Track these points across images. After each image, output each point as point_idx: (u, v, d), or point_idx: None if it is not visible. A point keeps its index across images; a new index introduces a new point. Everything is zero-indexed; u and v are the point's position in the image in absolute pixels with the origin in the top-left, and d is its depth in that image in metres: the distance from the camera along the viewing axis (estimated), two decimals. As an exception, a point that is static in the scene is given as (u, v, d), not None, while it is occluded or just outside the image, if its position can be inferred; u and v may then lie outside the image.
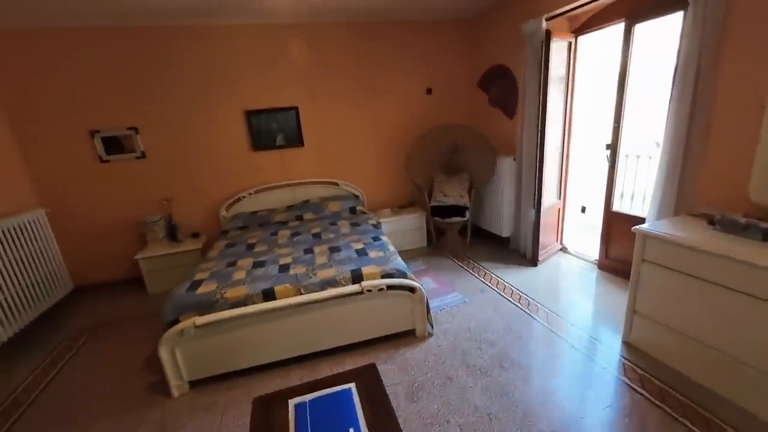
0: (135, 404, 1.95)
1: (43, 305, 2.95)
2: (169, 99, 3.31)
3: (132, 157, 3.36)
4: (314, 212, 3.54)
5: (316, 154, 3.82)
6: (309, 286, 2.11)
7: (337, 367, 2.12)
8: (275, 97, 3.55)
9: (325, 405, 1.42)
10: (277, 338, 2.09)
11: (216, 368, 2.05)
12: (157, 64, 3.21)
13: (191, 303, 1.99)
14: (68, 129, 3.17)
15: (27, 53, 2.95)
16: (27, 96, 3.02)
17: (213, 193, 3.66)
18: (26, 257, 2.86)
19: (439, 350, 2.20)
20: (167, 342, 1.90)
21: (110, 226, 3.43)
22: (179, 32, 3.19)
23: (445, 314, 2.59)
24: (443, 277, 3.18)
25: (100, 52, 3.08)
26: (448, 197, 3.58)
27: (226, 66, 3.36)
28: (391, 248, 2.59)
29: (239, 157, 3.62)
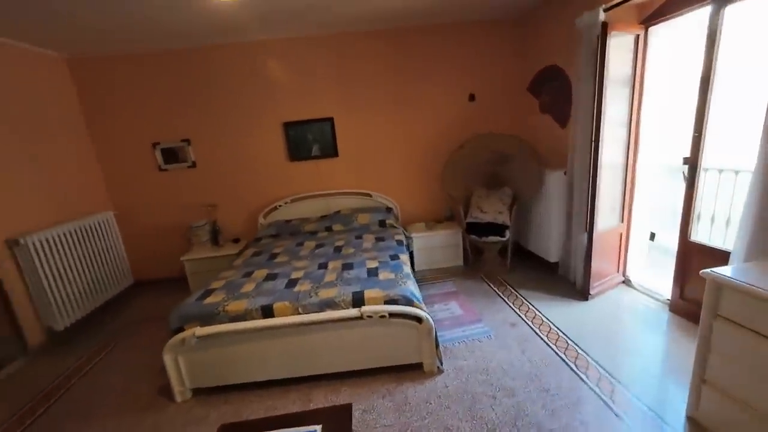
0: (142, 405, 2.06)
1: (106, 295, 3.36)
2: (216, 113, 3.56)
3: (184, 166, 3.69)
4: (343, 224, 3.48)
5: (350, 165, 3.78)
6: (308, 306, 2.03)
7: (332, 394, 2.01)
8: (311, 108, 3.60)
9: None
10: (274, 357, 2.04)
11: (216, 380, 2.07)
12: (207, 81, 3.47)
13: (195, 313, 2.04)
14: (135, 142, 3.58)
15: (105, 77, 3.40)
16: (105, 114, 3.49)
17: (253, 201, 3.83)
18: (97, 252, 3.29)
19: (445, 392, 1.94)
20: (170, 349, 1.97)
21: (164, 228, 3.79)
22: (225, 50, 3.41)
23: (463, 348, 2.30)
24: (472, 303, 2.86)
25: (161, 74, 3.43)
26: (485, 214, 3.24)
27: (266, 80, 3.50)
28: (405, 270, 2.39)
29: (277, 166, 3.74)
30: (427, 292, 3.12)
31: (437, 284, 3.26)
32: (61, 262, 2.90)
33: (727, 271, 1.43)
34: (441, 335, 2.43)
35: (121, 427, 1.92)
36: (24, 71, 2.92)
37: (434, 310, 2.79)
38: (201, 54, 3.40)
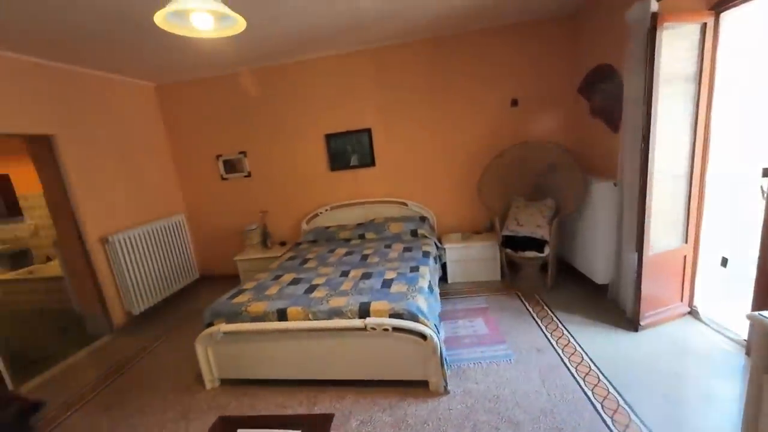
0: (181, 387, 2.36)
1: (176, 287, 3.91)
2: (268, 127, 3.91)
3: (241, 176, 4.12)
4: (375, 232, 3.55)
5: (387, 174, 3.83)
6: (318, 313, 2.13)
7: (336, 400, 2.07)
8: (350, 120, 3.74)
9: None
10: (288, 359, 2.18)
11: (238, 373, 2.29)
12: (261, 99, 3.84)
13: (223, 310, 2.29)
14: (203, 154, 4.12)
15: (181, 100, 3.99)
16: (180, 131, 4.09)
17: (298, 207, 4.12)
18: (170, 249, 3.86)
19: (446, 414, 1.87)
20: (201, 341, 2.23)
21: (224, 230, 4.28)
22: (275, 71, 3.74)
23: (478, 370, 2.18)
24: (500, 321, 2.69)
25: (223, 94, 3.89)
26: (521, 227, 3.02)
27: (311, 95, 3.75)
28: (419, 283, 2.35)
29: (319, 176, 3.97)
30: (455, 306, 3.01)
31: (468, 299, 3.13)
32: (140, 257, 3.47)
33: (781, 317, 1.14)
34: (458, 353, 2.35)
35: (163, 403, 2.23)
36: (126, 99, 3.58)
37: (457, 326, 2.69)
38: (256, 75, 3.77)
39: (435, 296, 2.51)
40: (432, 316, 2.13)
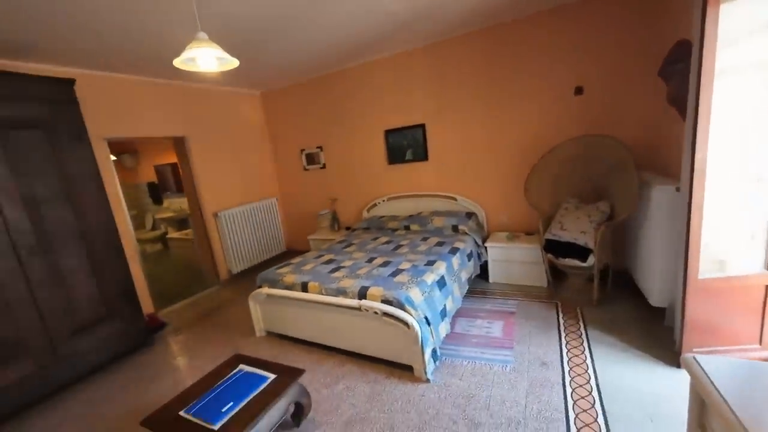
0: (242, 332, 3.07)
1: (265, 256, 4.88)
2: (339, 124, 4.42)
3: (318, 167, 4.78)
4: (420, 225, 3.69)
5: (438, 168, 3.89)
6: (328, 290, 2.49)
7: (337, 365, 2.42)
8: (407, 116, 3.92)
9: (246, 380, 1.81)
10: (307, 324, 2.63)
11: (276, 328, 2.86)
12: (335, 98, 4.36)
13: (268, 277, 2.87)
14: (292, 148, 4.93)
15: (278, 103, 4.84)
16: (278, 128, 4.97)
17: (362, 197, 4.55)
18: (264, 225, 4.83)
19: (417, 399, 2.01)
20: (252, 299, 2.88)
21: (304, 213, 5.06)
22: (346, 73, 4.18)
23: (468, 368, 2.21)
24: (521, 329, 2.57)
25: (307, 96, 4.56)
26: (565, 231, 2.73)
27: (374, 93, 4.06)
28: (424, 277, 2.46)
29: (379, 169, 4.30)
30: (482, 305, 2.97)
31: (499, 300, 3.03)
32: (240, 230, 4.47)
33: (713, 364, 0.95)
34: (458, 350, 2.40)
35: (227, 339, 2.98)
36: (238, 105, 4.59)
37: (473, 325, 2.69)
38: (332, 78, 4.29)
39: (447, 292, 2.58)
40: (427, 309, 2.25)
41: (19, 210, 2.28)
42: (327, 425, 1.90)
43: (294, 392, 1.83)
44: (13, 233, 2.25)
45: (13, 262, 2.25)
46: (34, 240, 2.34)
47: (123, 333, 2.82)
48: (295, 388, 1.84)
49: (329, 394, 2.15)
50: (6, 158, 2.23)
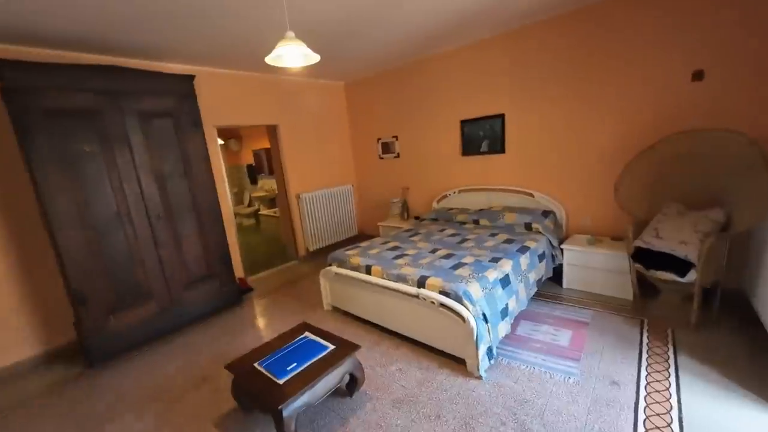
0: (311, 304, 3.39)
1: (339, 238, 5.22)
2: (414, 114, 4.45)
3: (392, 157, 4.90)
4: (490, 219, 3.56)
5: (516, 162, 3.67)
6: (389, 275, 2.60)
7: (392, 347, 2.53)
8: (484, 105, 3.76)
9: (310, 346, 2.02)
10: (369, 304, 2.78)
11: (341, 305, 3.09)
12: (411, 89, 4.39)
13: (338, 257, 3.10)
14: (369, 137, 5.14)
15: (358, 93, 5.06)
16: (357, 118, 5.22)
17: (433, 187, 4.55)
18: (340, 209, 5.17)
19: (467, 393, 2.01)
20: (322, 276, 3.15)
21: (376, 200, 5.26)
22: (422, 64, 4.17)
23: (526, 372, 2.12)
24: (592, 342, 2.35)
25: (385, 87, 4.68)
26: (659, 240, 2.38)
27: (449, 84, 3.98)
28: (486, 273, 2.40)
29: (452, 160, 4.23)
30: (551, 312, 2.78)
31: (571, 308, 2.79)
32: (319, 212, 4.86)
33: None
34: (517, 353, 2.31)
35: (298, 309, 3.32)
36: (323, 96, 4.92)
37: (538, 330, 2.55)
38: (410, 69, 4.32)
39: (511, 291, 2.49)
40: (486, 306, 2.21)
41: (152, 183, 2.85)
42: (377, 400, 2.03)
43: (350, 364, 1.99)
44: (147, 202, 2.83)
45: (146, 225, 2.83)
46: (161, 208, 2.91)
47: (219, 291, 3.35)
48: (351, 360, 2.00)
49: (383, 372, 2.27)
50: (147, 142, 2.80)
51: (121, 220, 2.70)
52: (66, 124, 2.42)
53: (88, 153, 2.52)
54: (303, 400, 1.73)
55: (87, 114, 2.51)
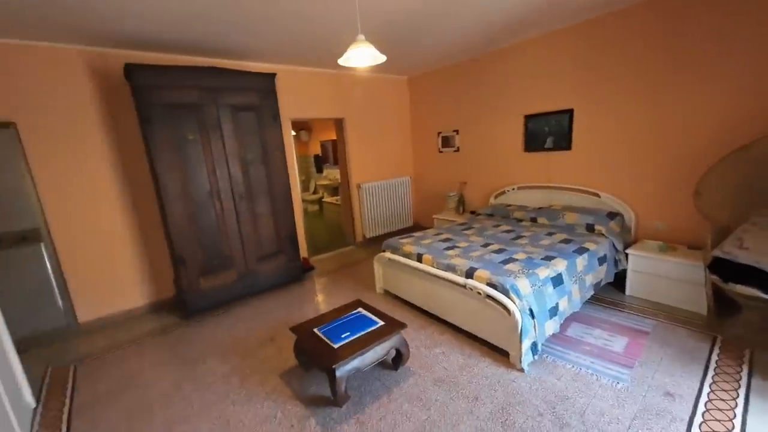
0: (365, 287, 3.64)
1: (393, 227, 5.43)
2: (476, 108, 4.44)
3: (451, 151, 4.94)
4: (548, 218, 3.46)
5: (582, 160, 3.50)
6: (439, 264, 2.72)
7: (437, 332, 2.67)
8: (551, 100, 3.63)
9: (362, 320, 2.26)
10: (418, 290, 2.94)
11: (393, 289, 3.29)
12: (473, 83, 4.38)
13: (392, 244, 3.29)
14: (429, 131, 5.22)
15: (420, 87, 5.16)
16: (418, 110, 5.33)
17: (491, 183, 4.51)
18: (396, 200, 5.37)
19: (507, 383, 2.07)
20: (376, 260, 3.37)
21: (432, 193, 5.35)
22: (485, 58, 4.12)
23: (571, 372, 2.11)
24: (648, 351, 2.24)
25: (447, 81, 4.72)
26: (743, 250, 2.15)
27: (516, 77, 3.90)
28: (537, 270, 2.39)
29: (513, 155, 4.15)
30: (608, 317, 2.67)
31: (632, 316, 2.65)
32: (377, 201, 5.11)
33: None
34: (564, 353, 2.30)
35: (354, 291, 3.59)
36: (387, 90, 5.11)
37: (589, 333, 2.48)
38: (474, 63, 4.31)
39: (563, 291, 2.46)
40: (534, 302, 2.23)
41: (238, 168, 3.30)
42: (419, 377, 2.19)
43: (396, 340, 2.18)
44: (233, 184, 3.29)
45: (231, 203, 3.30)
46: (244, 190, 3.36)
47: (286, 267, 3.76)
48: (398, 337, 2.18)
49: (427, 353, 2.42)
50: (235, 132, 3.24)
51: (213, 198, 3.19)
52: (176, 116, 2.93)
53: (191, 140, 3.02)
54: (353, 365, 1.96)
55: (192, 107, 2.99)
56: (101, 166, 3.11)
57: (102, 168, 3.11)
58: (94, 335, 3.07)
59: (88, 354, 2.79)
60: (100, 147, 3.08)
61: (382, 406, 1.98)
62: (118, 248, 3.25)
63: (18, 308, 2.76)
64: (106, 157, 3.12)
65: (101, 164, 3.10)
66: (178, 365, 2.54)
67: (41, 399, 2.29)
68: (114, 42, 2.88)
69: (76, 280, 3.07)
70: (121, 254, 3.27)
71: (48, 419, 2.11)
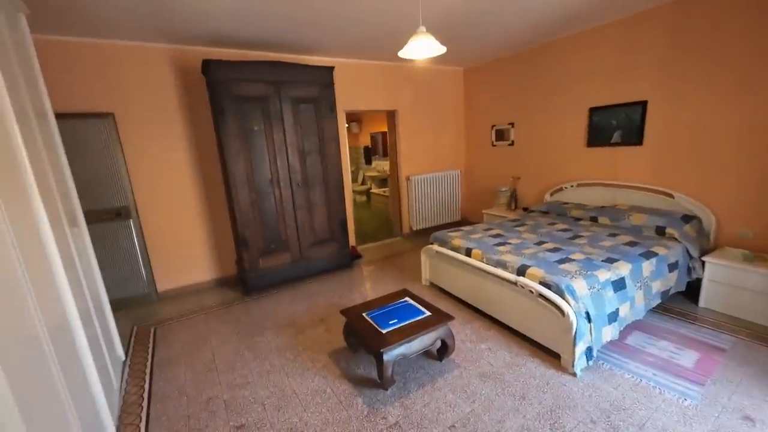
0: (411, 278, 3.69)
1: (440, 221, 5.39)
2: (536, 100, 4.22)
3: (506, 144, 4.77)
4: (611, 218, 3.23)
5: (655, 156, 3.20)
6: (489, 259, 2.67)
7: (484, 328, 2.64)
8: (621, 92, 3.35)
9: (409, 309, 2.30)
10: (465, 285, 2.92)
11: (439, 282, 3.30)
12: (531, 75, 4.17)
13: (441, 237, 3.29)
14: (483, 124, 5.08)
15: (475, 79, 5.02)
16: (472, 102, 5.20)
17: (547, 179, 4.30)
18: (445, 194, 5.33)
19: (558, 387, 2.00)
20: (424, 252, 3.39)
21: (483, 187, 5.21)
22: (549, 47, 3.89)
23: (628, 382, 1.99)
24: (723, 369, 2.03)
25: (503, 72, 4.53)
26: None
27: (581, 67, 3.64)
28: (595, 272, 2.26)
29: (573, 151, 3.91)
30: (676, 329, 2.46)
31: (706, 330, 2.41)
32: (425, 194, 5.11)
33: None
34: (623, 362, 2.17)
35: (400, 281, 3.65)
36: (442, 82, 5.02)
37: (653, 344, 2.31)
38: (535, 52, 4.09)
39: (625, 297, 2.31)
40: (591, 305, 2.13)
41: (296, 157, 3.49)
42: (464, 369, 2.20)
43: (442, 331, 2.20)
44: (291, 172, 3.48)
45: (289, 191, 3.50)
46: (300, 179, 3.55)
47: (336, 253, 3.93)
48: (444, 328, 2.20)
49: (472, 348, 2.42)
50: (295, 123, 3.42)
51: (273, 185, 3.41)
52: (244, 107, 3.16)
53: (256, 131, 3.24)
54: (400, 351, 2.02)
55: (258, 100, 3.21)
56: (180, 154, 3.46)
57: (180, 155, 3.46)
58: (170, 303, 3.47)
59: (165, 318, 3.16)
60: (179, 136, 3.43)
61: (426, 393, 2.02)
62: (191, 229, 3.62)
63: (111, 275, 3.20)
64: (184, 146, 3.47)
65: (180, 152, 3.45)
66: (239, 335, 2.79)
67: (128, 354, 2.65)
68: (193, 40, 3.17)
69: (157, 254, 3.47)
70: (193, 234, 3.64)
71: (134, 371, 2.44)
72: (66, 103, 2.92)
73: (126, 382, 2.33)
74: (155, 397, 2.18)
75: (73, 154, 2.92)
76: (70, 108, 2.94)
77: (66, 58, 2.90)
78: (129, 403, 2.14)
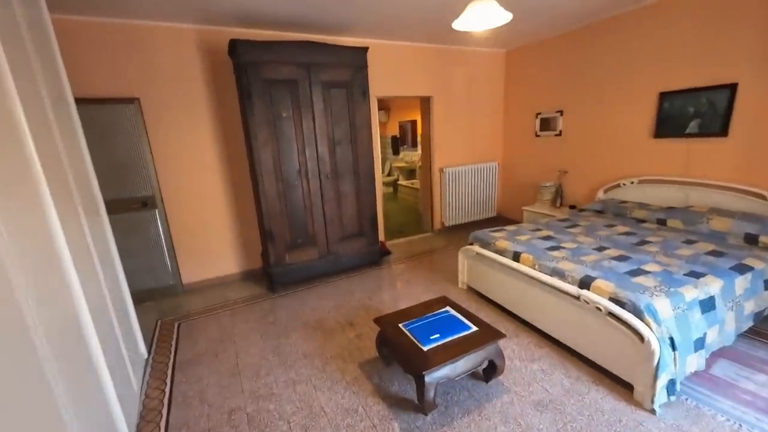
0: (445, 279, 3.40)
1: (475, 217, 5.04)
2: (591, 85, 3.75)
3: (552, 134, 4.32)
4: (685, 222, 2.78)
5: (744, 150, 2.72)
6: (543, 266, 2.34)
7: (535, 345, 2.32)
8: (705, 72, 2.85)
9: (451, 321, 2.03)
10: (511, 293, 2.60)
11: (478, 286, 2.99)
12: (589, 54, 3.69)
13: (481, 237, 2.97)
14: (525, 112, 4.64)
15: (518, 62, 4.56)
16: (514, 90, 4.75)
17: (599, 174, 3.85)
18: (481, 188, 4.95)
19: (634, 427, 1.67)
20: (461, 253, 3.08)
21: (523, 181, 4.79)
22: (610, 23, 3.40)
23: (722, 426, 1.64)
24: None
25: (550, 54, 4.06)
26: None
27: (651, 44, 3.15)
28: (679, 289, 1.88)
29: (636, 142, 3.44)
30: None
31: (814, 363, 1.99)
32: (459, 187, 4.75)
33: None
34: (713, 398, 1.81)
35: (433, 282, 3.37)
36: (480, 65, 4.60)
37: (746, 377, 1.92)
38: (592, 29, 3.60)
39: (714, 320, 1.93)
40: (676, 329, 1.77)
41: (326, 147, 3.24)
42: (515, 395, 1.91)
43: (491, 350, 1.91)
44: (320, 162, 3.24)
45: (317, 183, 3.27)
46: (329, 169, 3.30)
47: (365, 250, 3.69)
48: (495, 347, 1.91)
49: (522, 368, 2.12)
50: (325, 110, 3.17)
51: (301, 176, 3.19)
52: (273, 92, 2.93)
53: (285, 117, 3.01)
54: (444, 372, 1.76)
55: (288, 84, 2.97)
56: (206, 142, 3.29)
57: (206, 142, 3.30)
58: (195, 295, 3.36)
59: (189, 312, 3.04)
60: (205, 122, 3.26)
61: (473, 422, 1.75)
62: (216, 220, 3.48)
63: (135, 265, 3.11)
64: (210, 133, 3.30)
65: (206, 139, 3.29)
66: (264, 336, 2.61)
67: (151, 351, 2.54)
68: (222, 18, 2.95)
69: (182, 246, 3.36)
70: (218, 226, 3.50)
71: (156, 371, 2.32)
72: (89, 87, 2.79)
73: (147, 384, 2.20)
74: (176, 402, 2.03)
75: (97, 142, 2.81)
76: (93, 93, 2.81)
77: (89, 40, 2.75)
78: (149, 408, 2.00)
